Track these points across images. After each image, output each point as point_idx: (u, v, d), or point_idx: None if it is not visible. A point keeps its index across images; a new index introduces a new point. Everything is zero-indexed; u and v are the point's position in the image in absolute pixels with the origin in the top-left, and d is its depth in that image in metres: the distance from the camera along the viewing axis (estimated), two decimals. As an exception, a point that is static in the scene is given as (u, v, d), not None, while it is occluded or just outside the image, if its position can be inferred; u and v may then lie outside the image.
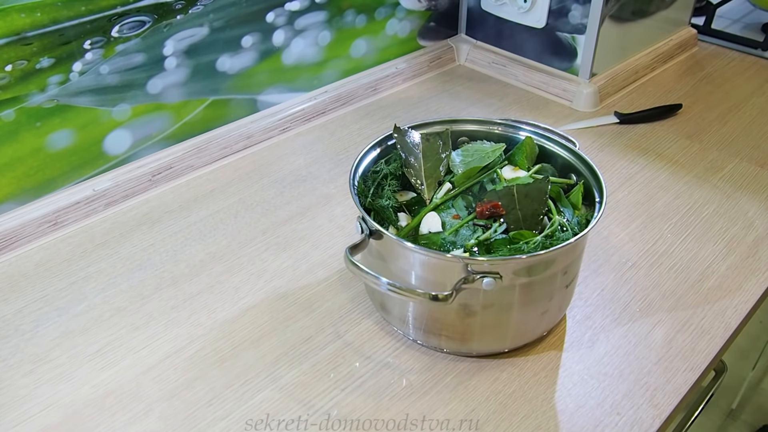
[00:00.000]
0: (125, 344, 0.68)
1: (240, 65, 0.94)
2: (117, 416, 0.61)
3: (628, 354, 0.66)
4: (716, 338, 0.68)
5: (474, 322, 0.63)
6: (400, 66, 1.15)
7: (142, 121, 0.87)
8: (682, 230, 0.82)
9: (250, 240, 0.81)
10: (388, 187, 0.70)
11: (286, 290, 0.74)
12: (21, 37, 0.73)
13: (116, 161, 0.87)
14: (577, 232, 0.63)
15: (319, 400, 0.62)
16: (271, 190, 0.90)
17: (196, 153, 0.93)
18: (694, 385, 0.64)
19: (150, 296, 0.73)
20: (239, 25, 0.92)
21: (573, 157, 0.70)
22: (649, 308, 0.72)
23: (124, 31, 0.81)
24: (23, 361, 0.66)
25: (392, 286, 0.57)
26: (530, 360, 0.66)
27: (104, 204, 0.86)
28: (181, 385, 0.64)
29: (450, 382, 0.64)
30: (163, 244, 0.81)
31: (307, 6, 0.98)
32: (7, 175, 0.78)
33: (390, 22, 1.11)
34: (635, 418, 0.60)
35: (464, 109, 1.09)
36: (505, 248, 0.62)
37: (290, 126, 1.03)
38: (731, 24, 1.36)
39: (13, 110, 0.75)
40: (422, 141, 0.72)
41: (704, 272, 0.76)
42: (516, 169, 0.72)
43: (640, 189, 0.90)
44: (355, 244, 0.61)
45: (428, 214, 0.67)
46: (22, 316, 0.71)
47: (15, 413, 0.61)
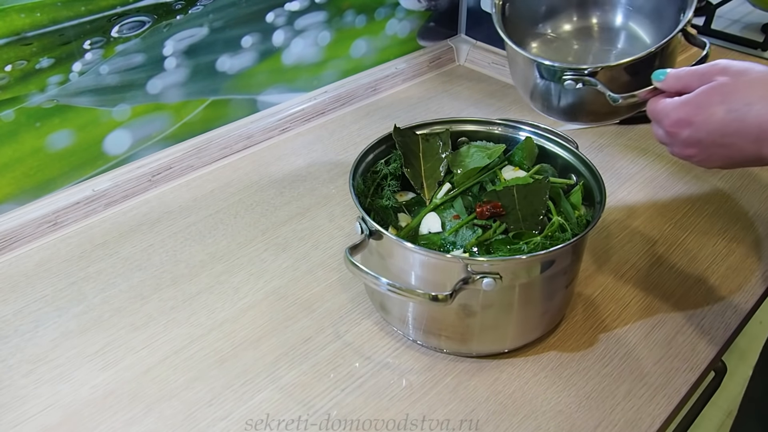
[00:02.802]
0: (125, 344, 0.68)
1: (240, 65, 0.94)
2: (117, 416, 0.61)
3: (628, 354, 0.66)
4: (716, 338, 0.68)
5: (474, 322, 0.63)
6: (400, 66, 1.15)
7: (141, 122, 0.87)
8: (682, 230, 0.82)
9: (250, 240, 0.81)
10: (387, 187, 0.70)
11: (286, 290, 0.74)
12: (21, 37, 0.73)
13: (116, 161, 0.87)
14: (577, 232, 0.63)
15: (319, 401, 0.62)
16: (271, 190, 0.90)
17: (196, 153, 0.93)
18: (694, 385, 0.64)
19: (150, 296, 0.73)
20: (239, 26, 0.92)
21: (573, 157, 0.70)
22: (649, 308, 0.72)
23: (124, 32, 0.81)
24: (23, 361, 0.66)
25: (392, 287, 0.57)
26: (530, 360, 0.66)
27: (104, 204, 0.86)
28: (181, 386, 0.64)
29: (450, 383, 0.64)
30: (163, 244, 0.81)
31: (306, 6, 0.98)
32: (6, 176, 0.78)
33: (390, 23, 1.11)
34: (635, 418, 0.60)
35: (464, 109, 1.09)
36: (505, 248, 0.62)
37: (290, 126, 1.03)
38: (731, 24, 1.36)
39: (12, 110, 0.75)
40: (422, 141, 0.73)
41: (704, 272, 0.76)
42: (516, 169, 0.72)
43: (640, 189, 0.90)
44: (355, 244, 0.61)
45: (428, 214, 0.68)
46: (21, 316, 0.71)
47: (15, 413, 0.61)
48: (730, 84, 0.48)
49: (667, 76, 0.54)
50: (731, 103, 0.48)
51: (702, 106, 0.50)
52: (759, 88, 0.47)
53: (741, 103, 0.47)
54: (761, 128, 0.46)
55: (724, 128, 0.49)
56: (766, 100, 0.46)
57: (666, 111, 0.53)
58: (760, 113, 0.46)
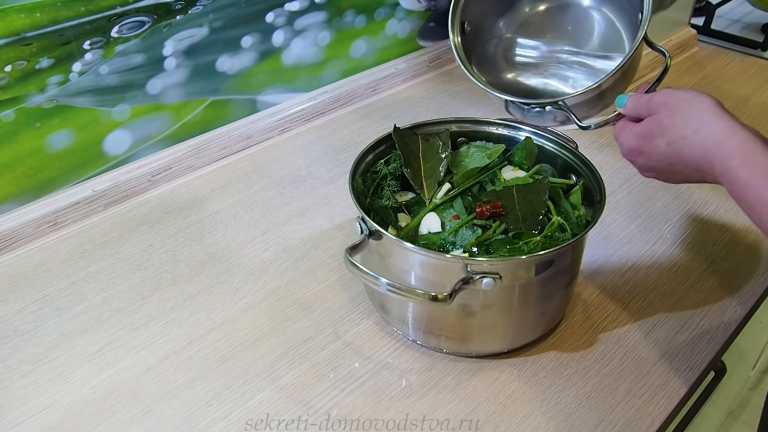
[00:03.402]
0: (125, 344, 0.68)
1: (239, 65, 0.94)
2: (117, 416, 0.61)
3: (628, 354, 0.66)
4: (716, 338, 0.68)
5: (473, 322, 0.63)
6: (400, 66, 1.15)
7: (141, 122, 0.87)
8: (681, 230, 0.82)
9: (250, 240, 0.81)
10: (387, 187, 0.70)
11: (286, 291, 0.74)
12: (20, 37, 0.73)
13: (116, 161, 0.87)
14: (577, 232, 0.63)
15: (318, 401, 0.62)
16: (270, 191, 0.90)
17: (196, 153, 0.93)
18: (694, 385, 0.64)
19: (149, 297, 0.73)
20: (239, 26, 0.92)
21: (573, 157, 0.70)
22: (649, 308, 0.72)
23: (124, 32, 0.81)
24: (23, 361, 0.66)
25: (392, 287, 0.57)
26: (530, 360, 0.66)
27: (104, 204, 0.86)
28: (181, 386, 0.64)
29: (450, 383, 0.64)
30: (163, 244, 0.81)
31: (306, 6, 0.98)
32: (6, 176, 0.78)
33: (389, 23, 1.11)
34: (635, 418, 0.60)
35: (464, 109, 1.09)
36: (504, 248, 0.62)
37: (290, 126, 1.03)
38: (731, 24, 1.36)
39: (12, 110, 0.75)
40: (422, 141, 0.73)
41: (704, 272, 0.76)
42: (516, 169, 0.72)
43: (640, 189, 0.90)
44: (355, 244, 0.61)
45: (428, 214, 0.68)
46: (21, 316, 0.71)
47: (15, 413, 0.61)
48: (668, 118, 0.51)
49: (626, 103, 0.56)
50: (669, 137, 0.50)
51: (647, 138, 0.52)
52: (693, 122, 0.49)
53: (677, 136, 0.50)
54: (697, 161, 0.49)
55: (668, 159, 0.51)
56: (698, 134, 0.48)
57: (621, 140, 0.56)
58: (695, 146, 0.48)
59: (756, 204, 0.45)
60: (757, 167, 0.45)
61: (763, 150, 0.46)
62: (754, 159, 0.45)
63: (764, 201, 0.44)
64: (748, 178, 0.45)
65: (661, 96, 0.53)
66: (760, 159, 0.45)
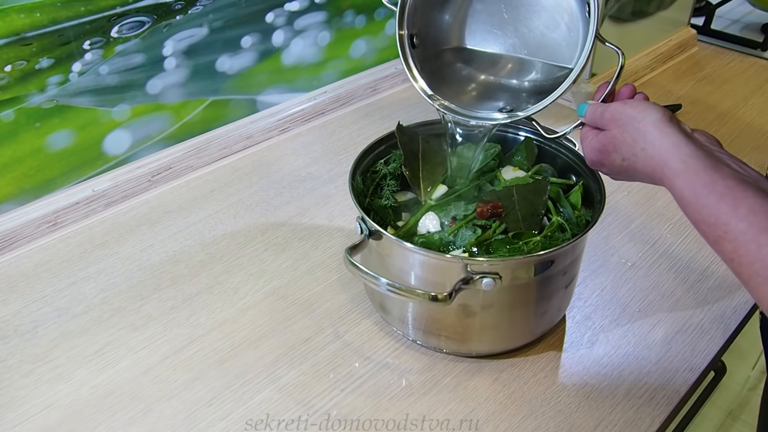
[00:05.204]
0: (125, 345, 0.68)
1: (239, 65, 0.94)
2: (117, 416, 0.61)
3: (628, 354, 0.66)
4: (715, 339, 0.68)
5: (473, 322, 0.63)
6: (400, 66, 1.15)
7: (141, 122, 0.87)
8: (681, 230, 0.82)
9: (250, 240, 0.81)
10: (387, 187, 0.70)
11: (286, 291, 0.74)
12: (20, 37, 0.73)
13: (116, 161, 0.87)
14: (577, 232, 0.63)
15: (318, 401, 0.62)
16: (270, 191, 0.90)
17: (196, 153, 0.93)
18: (694, 385, 0.64)
19: (149, 297, 0.73)
20: (239, 26, 0.92)
21: (573, 157, 0.70)
22: (649, 309, 0.72)
23: (124, 32, 0.81)
24: (22, 361, 0.66)
25: (392, 287, 0.57)
26: (530, 360, 0.66)
27: (104, 204, 0.86)
28: (181, 386, 0.64)
29: (449, 383, 0.64)
30: (163, 244, 0.81)
31: (306, 6, 0.98)
32: (6, 176, 0.78)
33: (389, 23, 1.11)
34: (635, 418, 0.60)
35: (464, 110, 1.09)
36: (504, 248, 0.62)
37: (290, 126, 1.03)
38: (731, 24, 1.36)
39: (12, 111, 0.75)
40: (421, 142, 0.72)
41: (704, 273, 0.76)
42: (516, 169, 0.72)
43: (640, 189, 0.90)
44: (355, 244, 0.61)
45: (427, 214, 0.67)
46: (21, 316, 0.71)
47: (14, 413, 0.61)
48: (619, 135, 0.53)
49: (585, 113, 0.58)
50: (622, 153, 0.53)
51: (603, 152, 0.55)
52: (640, 140, 0.51)
53: (629, 153, 0.52)
54: (650, 176, 0.51)
55: (625, 171, 0.54)
56: (646, 151, 0.50)
57: (584, 149, 0.58)
58: (645, 164, 0.51)
59: (698, 222, 0.47)
60: (697, 186, 0.47)
61: (704, 168, 0.47)
62: (695, 178, 0.47)
63: (705, 219, 0.46)
64: (690, 197, 0.47)
65: (611, 112, 0.54)
66: (702, 177, 0.47)
